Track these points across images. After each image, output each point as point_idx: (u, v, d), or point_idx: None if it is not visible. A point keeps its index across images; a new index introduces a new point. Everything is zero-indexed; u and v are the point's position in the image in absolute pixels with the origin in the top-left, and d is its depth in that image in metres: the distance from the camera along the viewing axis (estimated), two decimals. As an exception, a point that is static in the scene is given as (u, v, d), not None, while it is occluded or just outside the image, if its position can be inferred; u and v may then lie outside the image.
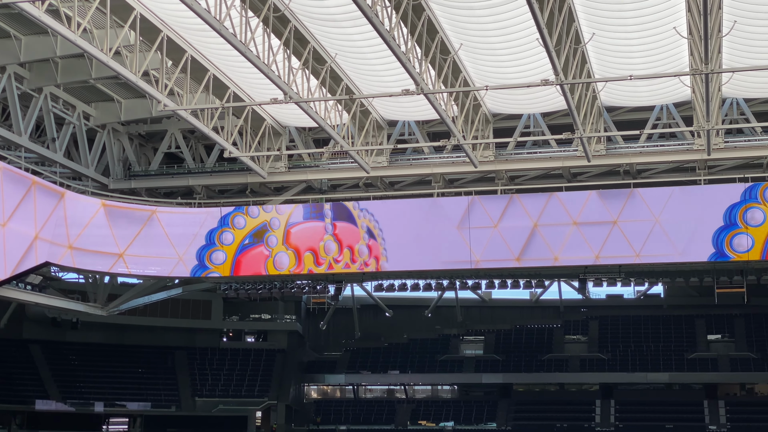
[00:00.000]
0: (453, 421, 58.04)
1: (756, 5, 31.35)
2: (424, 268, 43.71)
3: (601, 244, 40.64)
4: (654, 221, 40.19)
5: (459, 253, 42.05)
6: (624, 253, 40.59)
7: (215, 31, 29.81)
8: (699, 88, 35.29)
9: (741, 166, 42.30)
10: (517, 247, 41.56)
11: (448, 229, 42.29)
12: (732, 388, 57.72)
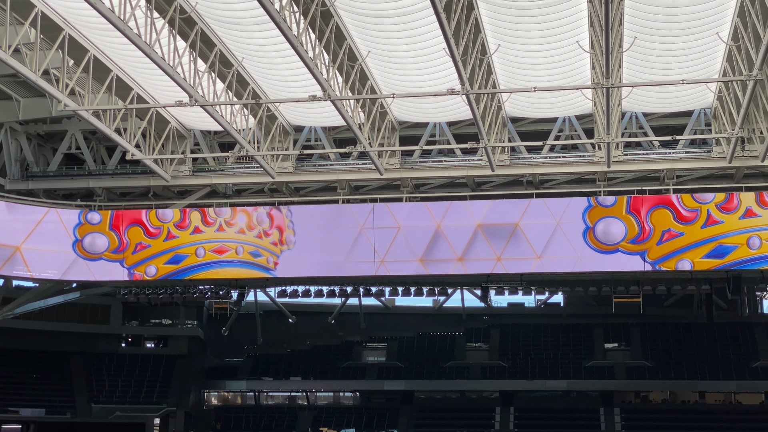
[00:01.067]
0: (354, 428, 57.96)
1: (654, 23, 32.18)
2: (330, 264, 43.11)
3: (503, 246, 41.18)
4: (555, 224, 40.88)
5: (363, 254, 42.06)
6: (525, 255, 41.14)
7: (119, 31, 29.29)
8: (600, 101, 36.05)
9: (639, 178, 43.37)
10: (420, 247, 41.80)
11: (352, 229, 42.29)
12: (627, 396, 59.01)
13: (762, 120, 37.89)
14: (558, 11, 31.84)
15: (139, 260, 43.80)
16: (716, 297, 59.93)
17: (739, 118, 36.24)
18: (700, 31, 32.95)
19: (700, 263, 40.35)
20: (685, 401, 58.40)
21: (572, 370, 58.08)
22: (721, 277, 46.49)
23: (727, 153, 39.81)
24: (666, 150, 41.61)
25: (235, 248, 43.51)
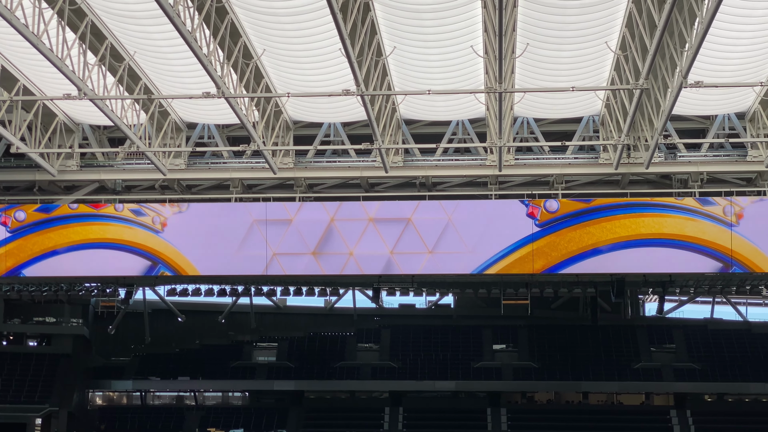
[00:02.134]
0: (243, 428, 57.46)
1: (546, 30, 32.78)
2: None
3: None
4: (447, 220, 41.24)
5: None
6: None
7: (5, 20, 28.37)
8: (493, 105, 36.56)
9: (529, 182, 44.15)
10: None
11: (245, 222, 41.88)
12: (514, 397, 59.97)
13: (647, 128, 38.98)
14: (453, 15, 32.15)
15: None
16: (601, 300, 61.44)
17: (625, 126, 37.19)
18: (590, 40, 33.71)
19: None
20: (569, 401, 59.71)
21: (461, 371, 58.75)
22: (605, 280, 47.72)
23: (614, 159, 40.83)
24: (556, 155, 42.46)
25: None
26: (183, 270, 42.18)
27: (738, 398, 58.24)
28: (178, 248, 42.11)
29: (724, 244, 40.09)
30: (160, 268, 42.09)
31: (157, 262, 42.10)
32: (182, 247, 42.16)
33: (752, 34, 32.90)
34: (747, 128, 40.86)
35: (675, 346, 60.05)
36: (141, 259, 42.27)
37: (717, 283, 51.46)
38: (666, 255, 40.51)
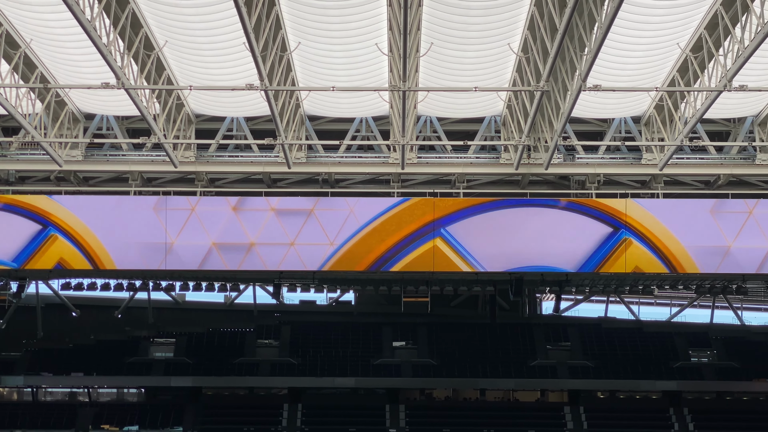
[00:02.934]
0: (138, 425, 56.53)
1: (450, 30, 33.06)
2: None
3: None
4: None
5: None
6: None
7: None
8: (396, 104, 36.68)
9: (431, 181, 44.47)
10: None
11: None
12: (412, 393, 60.35)
13: (547, 129, 39.63)
14: (358, 12, 32.18)
15: None
16: (500, 298, 62.30)
17: (526, 127, 37.74)
18: (493, 41, 34.12)
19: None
20: (467, 398, 60.34)
21: (360, 368, 58.85)
22: (504, 279, 48.37)
23: (515, 160, 41.39)
24: (458, 154, 42.85)
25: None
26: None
27: (629, 395, 59.69)
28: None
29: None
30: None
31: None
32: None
33: (649, 41, 33.77)
34: (642, 132, 41.89)
35: (570, 344, 61.21)
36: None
37: (611, 282, 52.65)
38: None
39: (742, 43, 30.76)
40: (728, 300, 63.69)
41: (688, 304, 66.38)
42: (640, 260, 40.87)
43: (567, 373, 58.96)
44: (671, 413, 57.43)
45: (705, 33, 32.98)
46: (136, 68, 34.22)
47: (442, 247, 40.87)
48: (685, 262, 40.71)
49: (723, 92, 32.99)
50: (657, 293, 60.78)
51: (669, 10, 31.80)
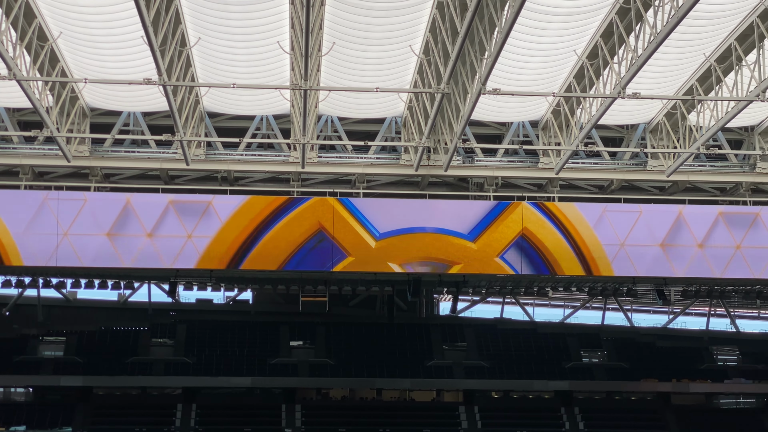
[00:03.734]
0: (25, 426, 54.98)
1: (353, 30, 33.06)
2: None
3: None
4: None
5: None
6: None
7: None
8: (298, 102, 36.50)
9: (331, 180, 44.41)
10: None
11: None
12: (309, 393, 60.19)
13: (447, 132, 39.98)
14: (260, 10, 31.93)
15: None
16: (398, 299, 62.57)
17: (426, 129, 37.98)
18: (395, 43, 34.25)
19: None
20: (363, 398, 60.45)
21: (257, 367, 58.39)
22: (403, 279, 48.61)
23: (415, 161, 41.62)
24: (358, 155, 42.89)
25: None
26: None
27: (523, 395, 60.66)
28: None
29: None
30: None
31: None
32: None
33: (547, 47, 34.36)
34: (540, 136, 42.60)
35: (466, 344, 61.86)
36: None
37: (507, 284, 53.40)
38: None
39: (636, 52, 31.54)
40: (619, 302, 65.29)
41: (580, 305, 67.77)
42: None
43: (462, 373, 59.55)
44: (562, 412, 58.56)
45: (601, 41, 33.72)
46: (29, 59, 33.25)
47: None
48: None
49: (617, 99, 33.79)
50: (551, 295, 61.90)
51: (566, 17, 32.40)
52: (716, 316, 67.65)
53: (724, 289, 51.23)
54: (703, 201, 45.24)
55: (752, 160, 43.89)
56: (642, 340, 64.73)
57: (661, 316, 68.93)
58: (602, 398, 60.69)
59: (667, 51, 33.08)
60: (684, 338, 65.59)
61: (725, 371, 62.30)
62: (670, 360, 62.13)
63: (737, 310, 68.51)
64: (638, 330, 66.63)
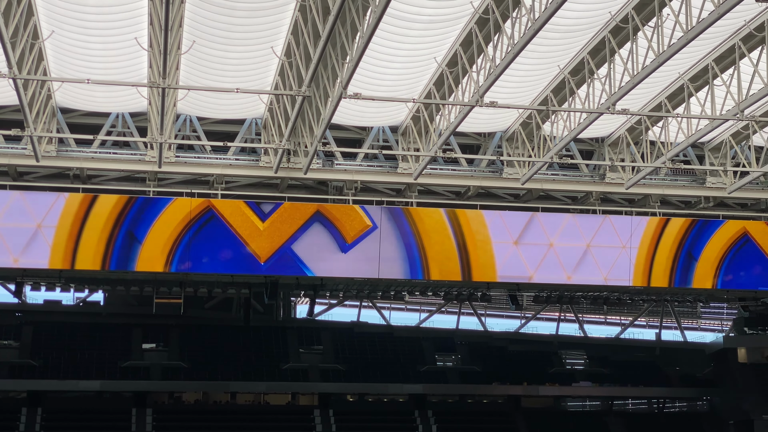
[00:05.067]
0: None
1: (214, 29, 32.64)
2: None
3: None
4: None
5: None
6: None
7: None
8: (155, 101, 35.79)
9: (189, 181, 43.68)
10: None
11: None
12: (161, 397, 59.02)
13: (307, 135, 39.89)
14: (118, 4, 31.20)
15: None
16: (254, 301, 61.98)
17: (286, 131, 37.82)
18: (257, 44, 33.97)
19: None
20: (217, 402, 59.68)
21: (107, 370, 56.88)
22: (260, 282, 48.23)
23: (274, 163, 41.38)
24: (217, 155, 42.34)
25: None
26: None
27: (378, 398, 61.07)
28: None
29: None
30: None
31: None
32: None
33: (408, 53, 34.72)
34: (399, 141, 42.98)
35: (323, 347, 61.88)
36: None
37: (365, 288, 53.66)
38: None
39: (494, 62, 32.20)
40: (473, 307, 66.50)
41: (436, 309, 68.74)
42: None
43: (318, 377, 59.55)
44: (416, 415, 59.19)
45: (460, 49, 34.28)
46: None
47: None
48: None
49: (475, 107, 34.41)
50: (408, 299, 62.58)
51: (427, 25, 32.80)
52: (566, 321, 69.78)
53: (574, 294, 52.78)
54: (556, 209, 46.55)
55: (602, 170, 45.41)
56: (495, 345, 66.06)
57: (514, 320, 70.61)
58: (455, 401, 61.67)
59: (524, 62, 33.89)
60: (535, 342, 67.28)
61: (573, 375, 64.25)
62: (521, 364, 63.64)
63: (585, 316, 70.83)
64: (491, 334, 67.99)
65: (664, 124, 41.31)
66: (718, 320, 74.65)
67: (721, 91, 36.77)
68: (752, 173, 43.10)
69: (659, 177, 46.00)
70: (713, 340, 68.43)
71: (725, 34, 34.49)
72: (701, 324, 75.28)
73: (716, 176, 45.69)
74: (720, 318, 74.29)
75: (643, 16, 32.11)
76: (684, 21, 29.72)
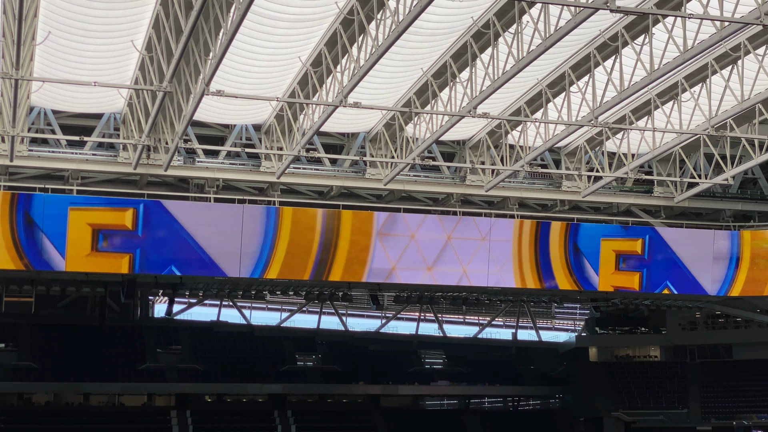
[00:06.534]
0: None
1: (71, 21, 31.65)
2: None
3: None
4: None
5: None
6: None
7: None
8: (8, 92, 34.44)
9: (42, 176, 42.22)
10: None
11: None
12: (10, 399, 56.94)
13: (168, 131, 39.13)
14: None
15: None
16: (110, 300, 60.52)
17: (146, 127, 36.99)
18: (116, 37, 33.10)
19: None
20: (69, 403, 58.04)
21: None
22: (117, 280, 47.07)
23: (133, 159, 40.41)
24: (73, 150, 41.05)
25: None
26: None
27: (237, 398, 60.52)
28: None
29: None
30: None
31: None
32: None
33: (273, 51, 34.45)
34: (262, 140, 42.63)
35: (181, 347, 60.92)
36: None
37: (225, 287, 53.05)
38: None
39: (358, 63, 32.28)
40: (335, 306, 66.60)
41: (297, 309, 68.56)
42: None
43: (176, 377, 58.59)
44: (276, 415, 58.95)
45: (325, 49, 34.23)
46: None
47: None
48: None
49: (339, 107, 34.42)
50: (269, 298, 62.21)
51: (292, 23, 32.62)
52: (426, 321, 70.64)
53: (434, 294, 53.45)
54: (417, 210, 47.02)
55: (463, 172, 46.14)
56: (355, 344, 66.40)
57: (375, 320, 71.07)
58: (315, 401, 61.69)
59: (388, 63, 34.09)
60: (395, 342, 67.93)
61: (431, 374, 65.14)
62: (381, 363, 64.16)
63: (445, 316, 71.91)
64: (352, 334, 68.28)
65: (523, 129, 42.28)
66: (572, 320, 77.00)
67: (577, 98, 37.88)
68: (605, 178, 44.54)
69: (518, 180, 47.03)
70: (566, 339, 70.63)
71: (581, 43, 35.52)
72: (555, 324, 77.50)
73: (572, 180, 47.03)
74: (573, 318, 76.64)
75: (504, 23, 32.75)
76: (543, 29, 30.45)
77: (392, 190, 45.73)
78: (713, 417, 60.98)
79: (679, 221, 50.10)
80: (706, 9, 29.11)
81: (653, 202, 49.01)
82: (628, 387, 63.76)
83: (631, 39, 34.09)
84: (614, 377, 64.60)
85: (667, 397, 62.82)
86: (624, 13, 27.87)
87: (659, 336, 67.13)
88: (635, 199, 48.70)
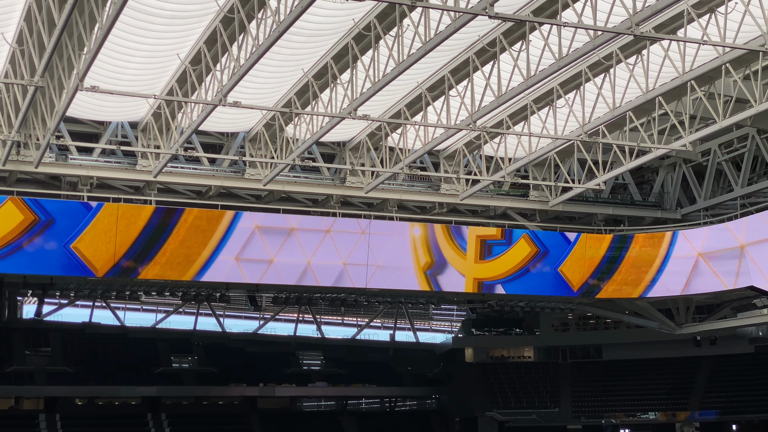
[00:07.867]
0: None
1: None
2: None
3: None
4: None
5: None
6: None
7: None
8: None
9: None
10: None
11: None
12: None
13: (40, 127, 37.98)
14: None
15: None
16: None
17: (16, 122, 35.88)
18: (-15, 28, 31.97)
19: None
20: (-70, 408, 55.75)
21: None
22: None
23: (2, 156, 39.10)
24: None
25: None
26: None
27: (109, 401, 59.12)
28: None
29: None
30: None
31: None
32: None
33: (150, 48, 33.81)
34: (139, 138, 41.79)
35: (51, 349, 59.14)
36: None
37: (97, 287, 51.79)
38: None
39: (238, 62, 31.95)
40: (212, 307, 65.75)
41: (173, 310, 67.39)
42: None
43: (45, 380, 56.86)
44: (149, 418, 57.82)
45: (204, 47, 33.75)
46: None
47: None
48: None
49: (218, 106, 33.99)
50: (144, 299, 60.96)
51: (170, 20, 32.07)
52: (304, 322, 70.39)
53: (312, 296, 53.30)
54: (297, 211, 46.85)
55: (343, 174, 46.19)
56: (233, 345, 65.62)
57: (252, 321, 70.48)
58: (190, 403, 60.74)
59: (269, 63, 33.88)
60: (273, 343, 67.41)
61: (309, 375, 64.96)
62: (258, 365, 63.63)
63: (323, 317, 71.80)
64: (229, 335, 67.50)
65: (403, 131, 42.57)
66: (449, 322, 77.90)
67: (456, 102, 38.40)
68: (483, 181, 45.24)
69: (397, 182, 47.37)
70: (443, 340, 71.41)
71: (461, 48, 35.99)
72: (433, 325, 78.28)
73: (450, 183, 47.61)
74: (450, 320, 77.57)
75: (385, 25, 32.91)
76: (423, 32, 30.71)
77: (272, 190, 45.45)
78: (583, 416, 62.52)
79: (554, 224, 51.37)
80: (581, 18, 29.89)
81: (529, 205, 50.08)
82: (502, 387, 64.85)
83: (509, 45, 34.74)
84: (489, 378, 65.64)
85: (539, 396, 64.13)
86: (502, 19, 28.36)
87: (533, 337, 68.49)
88: (511, 202, 49.69)
